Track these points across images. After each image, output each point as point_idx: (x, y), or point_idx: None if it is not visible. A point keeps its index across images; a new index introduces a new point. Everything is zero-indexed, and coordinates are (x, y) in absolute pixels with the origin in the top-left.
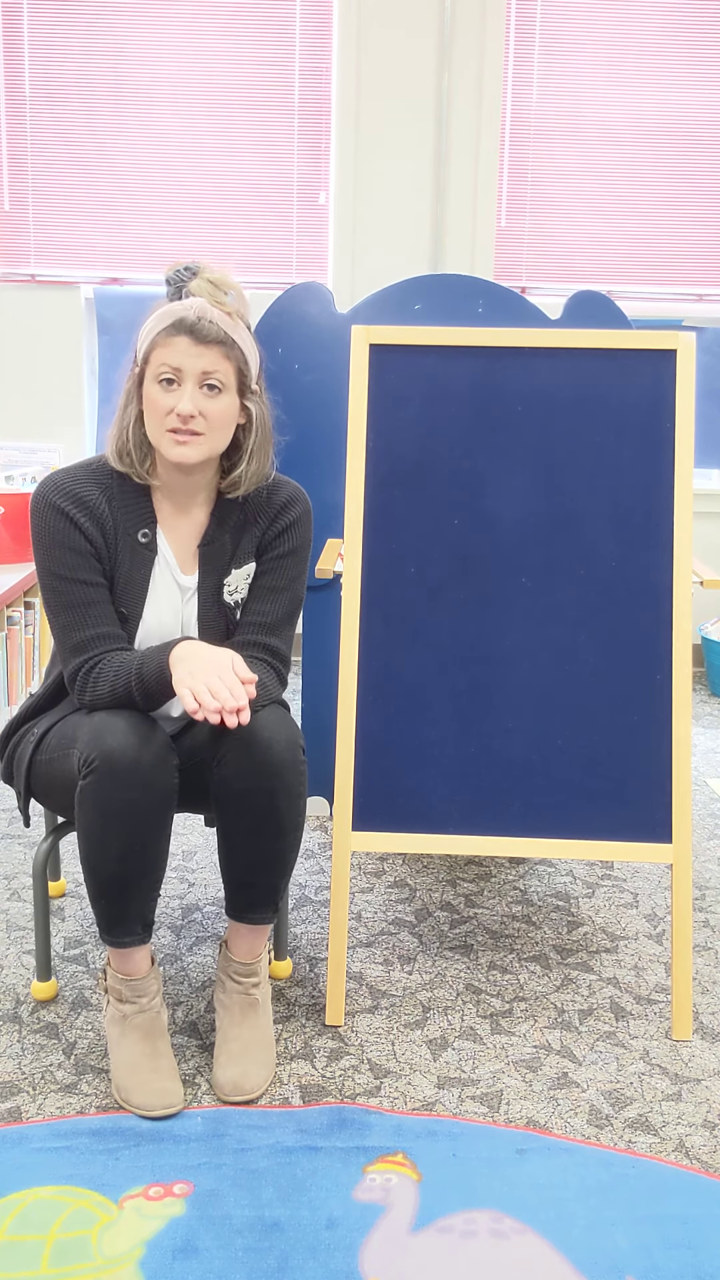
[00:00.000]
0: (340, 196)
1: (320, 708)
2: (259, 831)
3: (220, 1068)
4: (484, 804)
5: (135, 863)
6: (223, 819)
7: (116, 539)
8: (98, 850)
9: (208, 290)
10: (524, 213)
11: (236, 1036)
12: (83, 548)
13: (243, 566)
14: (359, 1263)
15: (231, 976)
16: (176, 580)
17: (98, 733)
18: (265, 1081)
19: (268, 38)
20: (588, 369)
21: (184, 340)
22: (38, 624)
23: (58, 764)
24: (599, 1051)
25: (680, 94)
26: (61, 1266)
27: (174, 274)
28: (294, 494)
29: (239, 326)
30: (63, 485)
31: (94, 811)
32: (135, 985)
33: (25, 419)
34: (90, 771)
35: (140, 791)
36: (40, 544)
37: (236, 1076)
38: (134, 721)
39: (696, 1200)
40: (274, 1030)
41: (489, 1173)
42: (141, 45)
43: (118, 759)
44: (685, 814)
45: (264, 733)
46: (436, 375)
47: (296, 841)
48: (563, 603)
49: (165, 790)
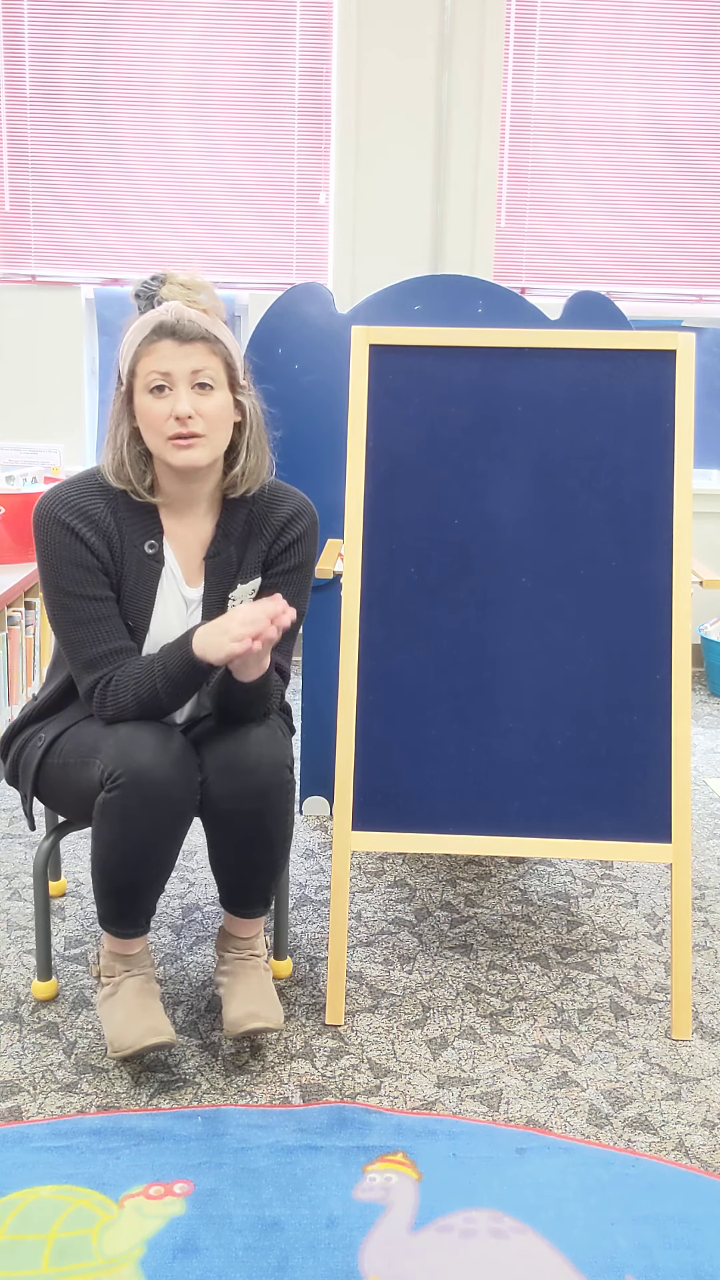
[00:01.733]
0: (340, 197)
1: (320, 708)
2: (248, 846)
3: (232, 1009)
4: (484, 804)
5: (150, 867)
6: (212, 832)
7: (123, 551)
8: (114, 857)
9: (180, 293)
10: (524, 213)
11: (244, 989)
12: (89, 563)
13: (249, 581)
14: (359, 1262)
15: (231, 949)
16: (182, 593)
17: (125, 747)
18: (277, 1019)
19: (268, 38)
20: (587, 369)
21: (167, 344)
22: (38, 624)
23: (74, 770)
24: (599, 1051)
25: (680, 94)
26: (62, 1265)
27: (142, 287)
28: (300, 506)
29: (217, 323)
30: (66, 499)
31: (116, 823)
32: (128, 960)
33: (25, 419)
34: (116, 786)
35: (164, 806)
36: (46, 560)
37: (252, 1010)
38: (160, 736)
39: (696, 1200)
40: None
41: (489, 1172)
42: (142, 45)
43: (145, 777)
44: (685, 814)
45: (250, 756)
46: (436, 375)
47: (286, 850)
48: (563, 603)
49: (186, 804)
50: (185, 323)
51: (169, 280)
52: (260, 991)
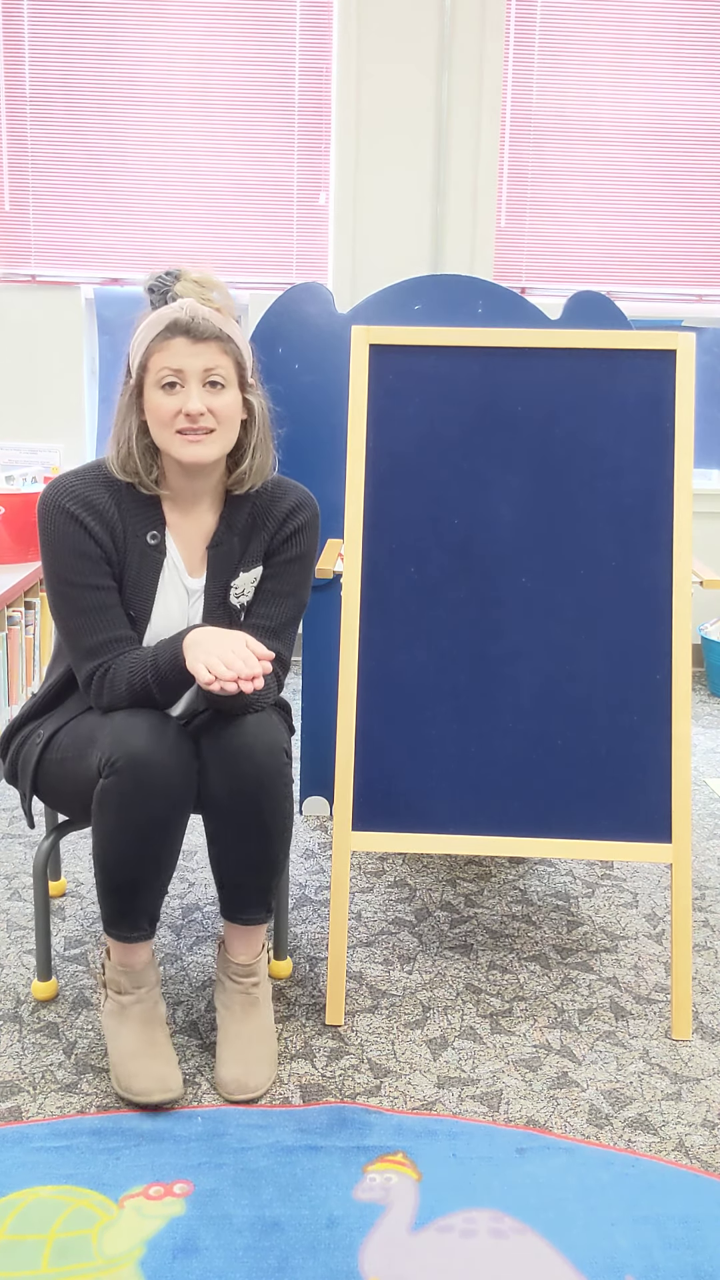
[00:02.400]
0: (340, 197)
1: (320, 708)
2: (246, 836)
3: (223, 1066)
4: (484, 804)
5: (150, 862)
6: (210, 824)
7: (125, 541)
8: (113, 849)
9: (194, 290)
10: (524, 213)
11: (238, 1034)
12: (92, 552)
13: (250, 570)
14: (359, 1262)
15: (231, 977)
16: (184, 582)
17: (120, 734)
18: (269, 1080)
19: (268, 38)
20: (588, 369)
21: (181, 341)
22: (38, 624)
23: (71, 764)
24: (599, 1051)
25: (679, 95)
26: (62, 1266)
27: (156, 281)
28: (302, 499)
29: (230, 321)
30: (71, 488)
31: (114, 810)
32: (134, 976)
33: (25, 419)
34: (113, 772)
35: (161, 792)
36: (49, 549)
37: (240, 1075)
38: (156, 722)
39: (696, 1200)
40: (275, 1029)
41: (489, 1172)
42: (142, 45)
43: (141, 760)
44: (685, 814)
45: (245, 739)
46: (436, 375)
47: (286, 843)
48: (563, 603)
49: (184, 791)
50: (199, 321)
51: (183, 277)
52: (256, 1039)
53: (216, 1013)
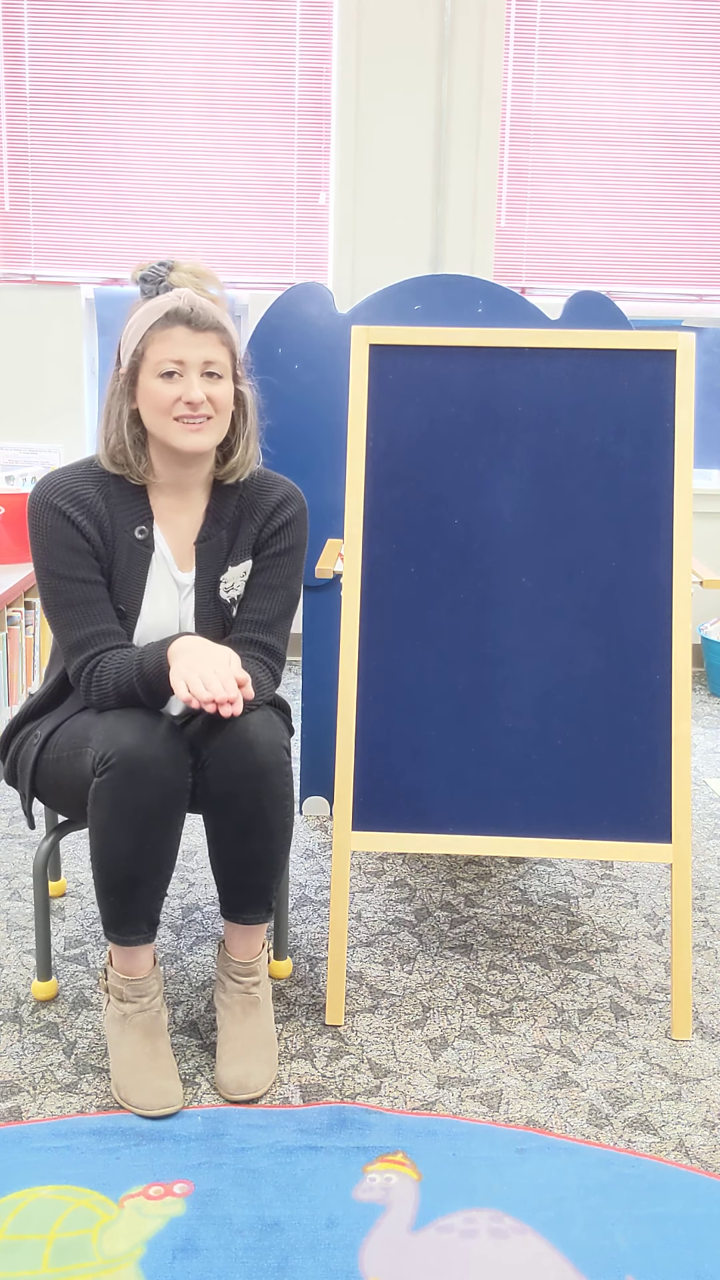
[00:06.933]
0: (340, 196)
1: (320, 708)
2: (247, 833)
3: (223, 1066)
4: (484, 804)
5: (146, 861)
6: (210, 821)
7: (114, 536)
8: (109, 847)
9: (190, 280)
10: (524, 213)
11: (238, 1035)
12: (80, 546)
13: (239, 564)
14: (359, 1262)
15: (231, 976)
16: (174, 577)
17: (114, 730)
18: (269, 1080)
19: (268, 38)
20: (588, 369)
21: (181, 330)
22: (38, 624)
23: (67, 763)
24: (599, 1051)
25: (679, 95)
26: (62, 1266)
27: (150, 271)
28: (289, 492)
29: (224, 313)
30: (59, 484)
31: (108, 808)
32: (136, 985)
33: (25, 419)
34: (107, 768)
35: (155, 789)
36: (38, 543)
37: (240, 1075)
38: (150, 720)
39: (696, 1200)
40: (275, 1029)
41: (489, 1172)
42: (142, 45)
43: (134, 756)
44: (685, 814)
45: (246, 735)
46: (436, 375)
47: (286, 841)
48: (563, 603)
49: (179, 789)
50: (199, 311)
51: (177, 267)
52: (256, 1039)
53: (216, 1013)
